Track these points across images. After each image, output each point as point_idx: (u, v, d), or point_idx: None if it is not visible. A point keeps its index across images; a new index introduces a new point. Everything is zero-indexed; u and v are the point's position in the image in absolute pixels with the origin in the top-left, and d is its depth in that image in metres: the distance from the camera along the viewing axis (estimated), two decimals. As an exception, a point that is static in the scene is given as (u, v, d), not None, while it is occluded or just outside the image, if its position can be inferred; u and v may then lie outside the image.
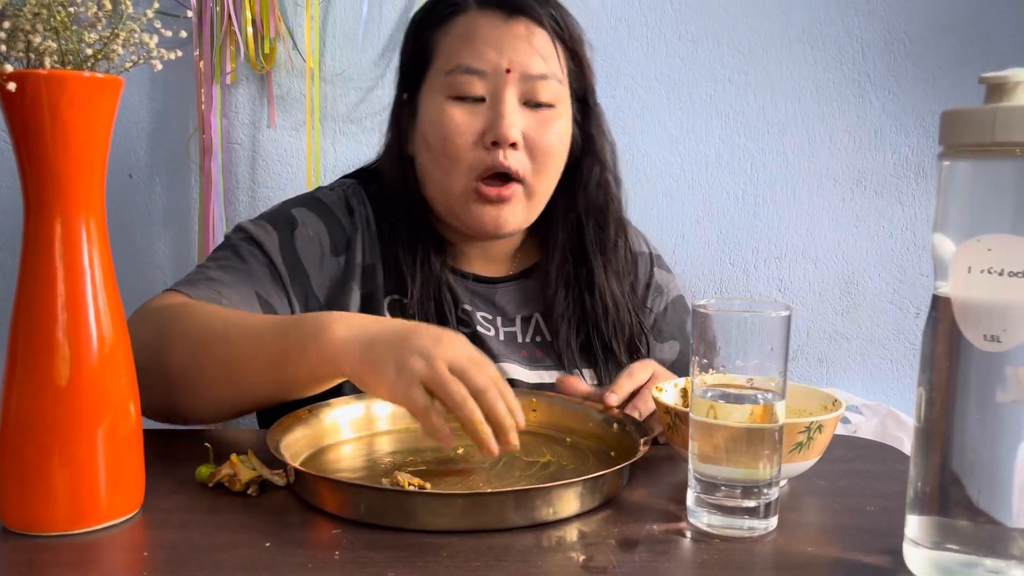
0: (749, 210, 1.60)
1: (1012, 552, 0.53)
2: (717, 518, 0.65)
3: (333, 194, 1.05)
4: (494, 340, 1.02)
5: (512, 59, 0.94)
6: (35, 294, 0.61)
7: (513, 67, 0.94)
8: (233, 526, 0.64)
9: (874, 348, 1.64)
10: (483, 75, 0.94)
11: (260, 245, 0.97)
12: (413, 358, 0.70)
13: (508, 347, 1.03)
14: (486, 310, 1.04)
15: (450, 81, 0.95)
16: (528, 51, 0.95)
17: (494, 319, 1.04)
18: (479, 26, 0.96)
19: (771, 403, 0.63)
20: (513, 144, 0.94)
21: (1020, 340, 0.52)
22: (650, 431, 0.78)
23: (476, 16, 0.97)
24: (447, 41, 0.97)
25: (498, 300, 1.05)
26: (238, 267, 0.95)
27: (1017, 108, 0.52)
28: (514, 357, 1.02)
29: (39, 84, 0.59)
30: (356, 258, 1.00)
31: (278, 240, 0.98)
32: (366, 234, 1.02)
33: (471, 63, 0.94)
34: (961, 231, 0.54)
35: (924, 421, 0.56)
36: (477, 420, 0.70)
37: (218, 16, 1.46)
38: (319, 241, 1.00)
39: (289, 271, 0.97)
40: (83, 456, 0.62)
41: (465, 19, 0.97)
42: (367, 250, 1.01)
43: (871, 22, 1.57)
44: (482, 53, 0.94)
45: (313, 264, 0.99)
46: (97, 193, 0.63)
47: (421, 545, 0.61)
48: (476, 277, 1.06)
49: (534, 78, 0.95)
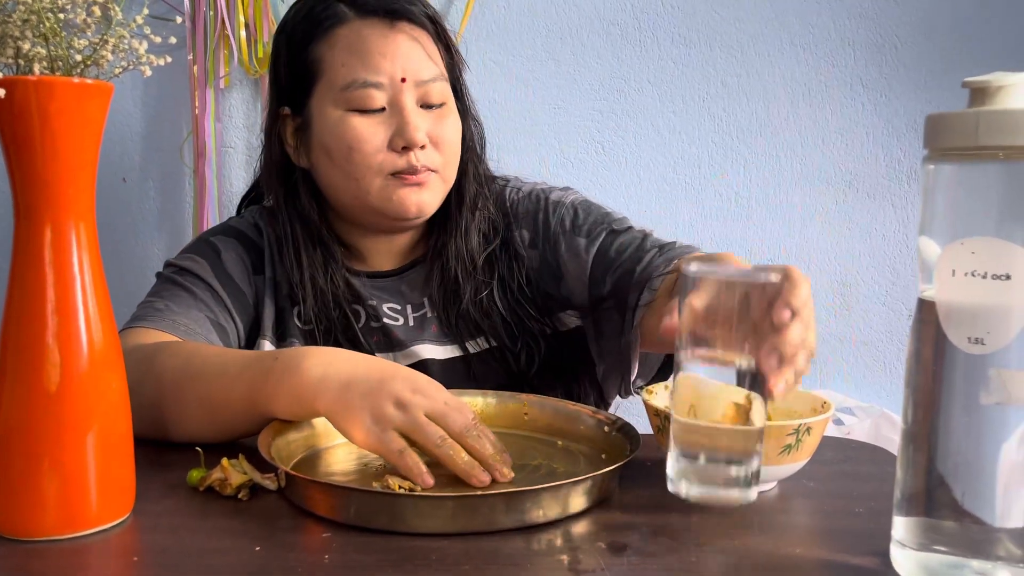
0: (742, 212, 1.61)
1: (998, 553, 0.53)
2: (697, 488, 0.62)
3: (243, 221, 1.10)
4: (403, 328, 1.05)
5: (405, 68, 0.98)
6: (25, 300, 0.61)
7: (407, 75, 0.98)
8: (223, 530, 0.64)
9: (867, 350, 1.65)
10: (380, 87, 0.97)
11: (195, 274, 1.01)
12: (389, 406, 0.71)
13: (419, 330, 1.06)
14: (393, 301, 1.07)
15: (348, 96, 0.97)
16: (418, 58, 0.99)
17: (403, 308, 1.07)
18: (365, 37, 0.98)
19: (753, 398, 0.61)
20: (423, 146, 0.98)
21: (1004, 343, 0.52)
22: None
23: (359, 27, 0.98)
24: (334, 55, 0.99)
25: (404, 289, 1.08)
26: (183, 295, 0.99)
27: (1000, 112, 0.52)
28: (425, 336, 1.05)
29: (28, 90, 0.59)
30: (267, 273, 1.05)
31: (210, 266, 1.02)
32: (274, 251, 1.06)
33: (367, 77, 0.97)
34: (946, 234, 0.54)
35: (910, 423, 0.57)
36: (458, 453, 0.70)
37: (211, 20, 1.47)
38: (243, 261, 1.05)
39: (227, 292, 1.01)
40: (73, 461, 0.62)
41: (348, 30, 0.99)
42: (275, 266, 1.06)
43: (863, 25, 1.58)
44: (376, 65, 0.97)
45: (244, 282, 1.04)
46: (87, 199, 0.63)
47: (411, 548, 0.61)
48: (379, 273, 1.08)
49: (426, 83, 0.99)
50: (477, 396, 0.89)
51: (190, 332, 0.94)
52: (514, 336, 1.05)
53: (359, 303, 1.05)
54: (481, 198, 1.08)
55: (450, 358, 1.04)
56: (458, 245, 1.06)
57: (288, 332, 1.03)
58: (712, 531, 0.66)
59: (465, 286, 1.05)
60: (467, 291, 1.05)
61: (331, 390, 0.73)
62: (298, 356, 0.76)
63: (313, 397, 0.74)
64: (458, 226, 1.06)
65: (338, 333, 1.02)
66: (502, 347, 1.05)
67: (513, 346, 1.05)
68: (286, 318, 1.04)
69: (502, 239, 1.09)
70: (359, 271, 1.08)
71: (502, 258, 1.08)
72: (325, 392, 0.73)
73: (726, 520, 0.68)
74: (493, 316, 1.05)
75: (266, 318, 1.03)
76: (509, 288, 1.07)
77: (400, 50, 0.98)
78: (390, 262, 1.10)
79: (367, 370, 0.74)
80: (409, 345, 1.04)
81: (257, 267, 1.06)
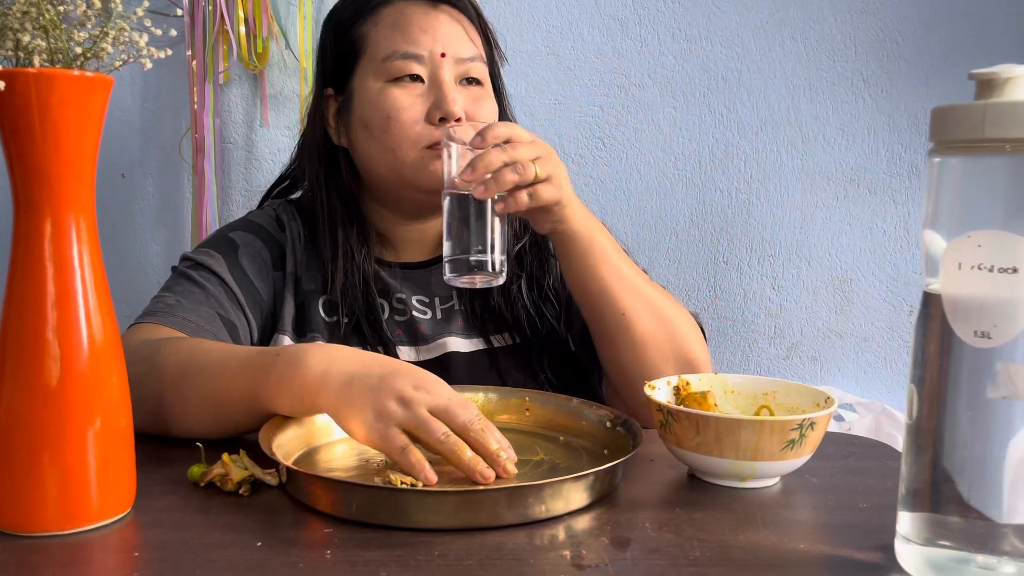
0: (743, 208, 1.61)
1: (1003, 548, 0.53)
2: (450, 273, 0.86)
3: (264, 214, 1.11)
4: (431, 321, 1.06)
5: (445, 44, 1.01)
6: (25, 294, 0.61)
7: (447, 51, 1.00)
8: (225, 526, 0.64)
9: (868, 346, 1.64)
10: (420, 59, 1.00)
11: (210, 269, 1.01)
12: (392, 403, 0.70)
13: (446, 323, 1.06)
14: (422, 293, 1.07)
15: (387, 67, 1.00)
16: (458, 36, 1.02)
17: (431, 301, 1.07)
18: (408, 15, 1.02)
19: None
20: (458, 119, 0.99)
21: (1010, 336, 0.52)
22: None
23: (403, 6, 1.02)
24: (378, 32, 1.02)
25: (433, 281, 1.08)
26: (195, 291, 0.98)
27: (1007, 104, 0.52)
28: (452, 329, 1.06)
29: (28, 83, 0.58)
30: (288, 268, 1.05)
31: (225, 262, 1.02)
32: (297, 245, 1.06)
33: (408, 48, 1.00)
34: (951, 227, 0.54)
35: (915, 418, 0.56)
36: (462, 449, 0.70)
37: (210, 15, 1.46)
38: (262, 257, 1.05)
39: (242, 289, 1.01)
40: (74, 456, 0.61)
41: (392, 10, 1.03)
42: (298, 261, 1.06)
43: (864, 20, 1.57)
44: (417, 39, 1.00)
45: (261, 279, 1.04)
46: (87, 192, 0.62)
47: (413, 544, 0.61)
48: (409, 264, 1.09)
49: (465, 61, 1.01)
50: (479, 392, 0.89)
51: (199, 329, 0.94)
52: (538, 333, 1.06)
53: (385, 296, 1.05)
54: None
55: (475, 351, 1.05)
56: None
57: (310, 326, 1.03)
58: (715, 526, 0.65)
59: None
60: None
61: (333, 386, 0.73)
62: (300, 352, 0.76)
63: (315, 393, 0.74)
64: None
65: (363, 322, 1.02)
66: (525, 344, 1.05)
67: (535, 343, 1.05)
68: (308, 312, 1.04)
69: (533, 238, 1.09)
70: (390, 262, 1.08)
71: (532, 255, 1.09)
72: (327, 388, 0.73)
73: (729, 515, 0.68)
74: (518, 312, 1.06)
75: (285, 314, 1.03)
76: (537, 286, 1.08)
77: (441, 27, 1.01)
78: (421, 253, 1.10)
79: (369, 366, 0.74)
80: (434, 339, 1.04)
81: (277, 262, 1.06)
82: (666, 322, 0.94)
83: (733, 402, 0.83)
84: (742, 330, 1.63)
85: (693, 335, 0.96)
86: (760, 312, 1.63)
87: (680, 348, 0.94)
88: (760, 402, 0.82)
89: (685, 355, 0.95)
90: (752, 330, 1.63)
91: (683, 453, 0.74)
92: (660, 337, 0.94)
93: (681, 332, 0.95)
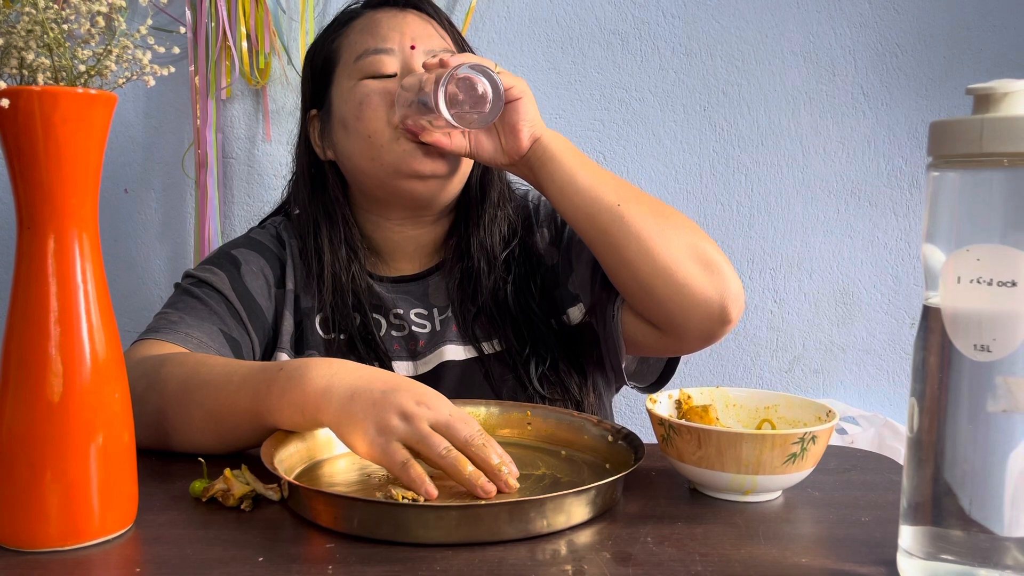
0: (744, 222, 1.61)
1: (1005, 562, 0.53)
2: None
3: (265, 232, 1.11)
4: (429, 334, 1.05)
5: (415, 38, 1.03)
6: (28, 310, 0.61)
7: (417, 43, 1.02)
8: (226, 541, 0.64)
9: (870, 359, 1.64)
10: (391, 53, 1.02)
11: (212, 286, 1.01)
12: (393, 418, 0.70)
13: (444, 332, 1.05)
14: (420, 306, 1.07)
15: (360, 65, 1.02)
16: (427, 32, 1.04)
17: (429, 312, 1.07)
18: (377, 19, 1.04)
19: None
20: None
21: (1010, 350, 0.52)
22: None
23: (371, 13, 1.06)
24: (350, 39, 1.04)
25: (430, 292, 1.08)
26: (198, 308, 0.99)
27: (1005, 119, 0.52)
28: (447, 336, 1.05)
29: (32, 100, 0.59)
30: (288, 286, 1.06)
31: (227, 279, 1.02)
32: (297, 263, 1.07)
33: (378, 45, 1.02)
34: (950, 241, 0.54)
35: (916, 431, 0.56)
36: (463, 464, 0.69)
37: (213, 32, 1.47)
38: (264, 275, 1.05)
39: (244, 306, 1.01)
40: (76, 472, 0.62)
41: (362, 19, 1.06)
42: (297, 278, 1.06)
43: (863, 34, 1.58)
44: (386, 35, 1.03)
45: (263, 296, 1.04)
46: (90, 208, 0.63)
47: (415, 559, 0.61)
48: (404, 277, 1.09)
49: (436, 53, 1.01)
50: (480, 406, 0.89)
51: (202, 345, 0.94)
52: (523, 340, 1.05)
53: (380, 312, 1.05)
54: (503, 197, 1.10)
55: (468, 359, 1.04)
56: (481, 239, 1.07)
57: (307, 344, 1.03)
58: (717, 540, 0.65)
59: (485, 281, 1.06)
60: (486, 287, 1.05)
61: (335, 401, 0.73)
62: (302, 367, 0.76)
63: (317, 408, 0.74)
64: (481, 220, 1.08)
65: (356, 339, 1.02)
66: (511, 350, 1.05)
67: (521, 350, 1.05)
68: (306, 329, 1.04)
69: (522, 243, 1.09)
70: (383, 276, 1.09)
71: (520, 260, 1.09)
72: (329, 403, 0.73)
73: (731, 529, 0.68)
74: (506, 317, 1.06)
75: (284, 331, 1.04)
76: (524, 291, 1.07)
77: (410, 25, 1.03)
78: (415, 264, 1.10)
79: (371, 381, 0.74)
80: (432, 350, 1.04)
81: (278, 280, 1.06)
82: (662, 208, 0.94)
83: (735, 416, 0.83)
84: (744, 343, 1.63)
85: (697, 228, 0.96)
86: (762, 325, 1.63)
87: (687, 236, 0.93)
88: (762, 416, 0.82)
89: (694, 245, 0.93)
90: (754, 343, 1.63)
91: (685, 467, 0.74)
92: (662, 223, 0.92)
93: (682, 219, 0.95)
